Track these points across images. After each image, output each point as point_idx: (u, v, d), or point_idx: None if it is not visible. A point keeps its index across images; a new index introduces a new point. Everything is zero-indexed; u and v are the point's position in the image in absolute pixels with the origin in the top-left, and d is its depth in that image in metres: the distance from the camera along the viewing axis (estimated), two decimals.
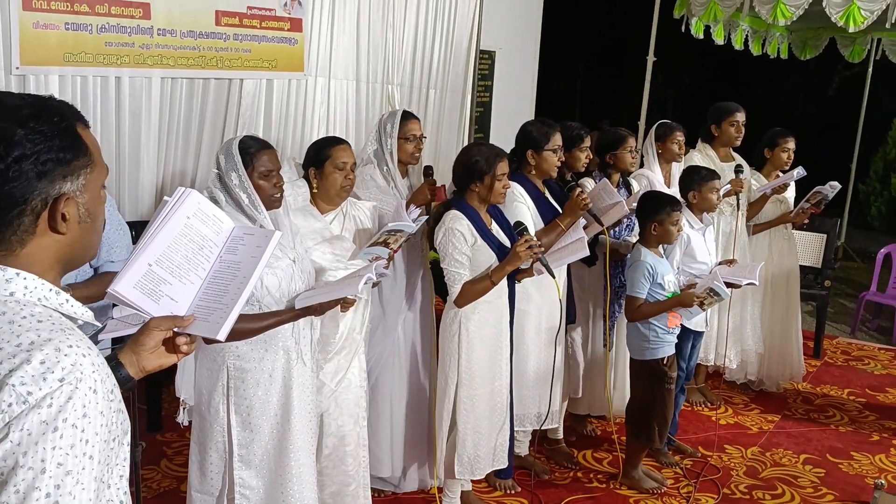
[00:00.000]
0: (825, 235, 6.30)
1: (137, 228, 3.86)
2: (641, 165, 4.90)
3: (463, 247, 3.24)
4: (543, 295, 3.73)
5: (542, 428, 3.90)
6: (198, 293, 1.77)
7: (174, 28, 4.01)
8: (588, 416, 4.57)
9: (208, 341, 2.37)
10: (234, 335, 2.47)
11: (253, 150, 2.61)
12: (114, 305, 2.27)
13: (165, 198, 1.83)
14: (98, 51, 3.73)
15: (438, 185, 3.69)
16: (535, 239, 3.26)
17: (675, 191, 4.31)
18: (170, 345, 1.64)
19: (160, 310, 1.70)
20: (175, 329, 1.65)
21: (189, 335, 1.67)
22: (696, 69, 14.13)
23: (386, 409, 3.69)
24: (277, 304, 2.61)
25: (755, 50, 8.72)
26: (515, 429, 3.74)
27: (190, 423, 2.86)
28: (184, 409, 2.78)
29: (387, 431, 3.70)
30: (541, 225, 3.70)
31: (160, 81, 4.05)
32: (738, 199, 4.72)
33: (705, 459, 4.37)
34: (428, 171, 3.76)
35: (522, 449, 4.04)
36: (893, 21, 6.12)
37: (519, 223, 3.32)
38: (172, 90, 4.13)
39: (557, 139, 3.72)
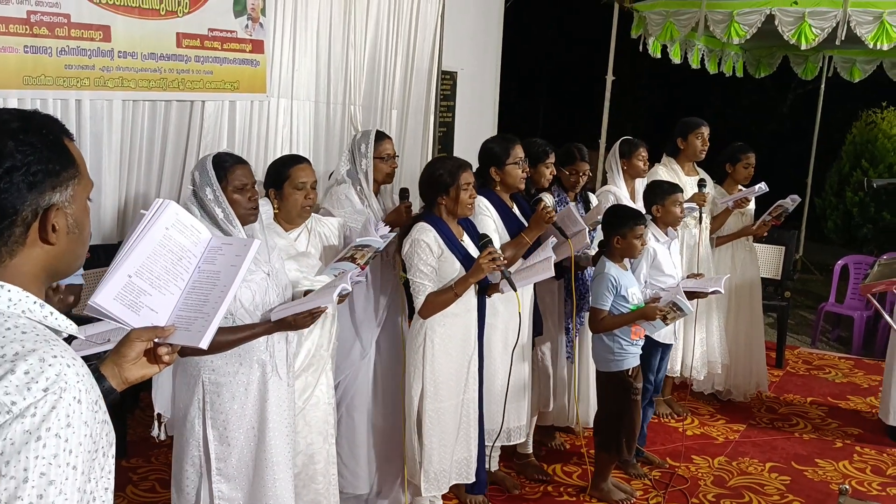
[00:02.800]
0: (784, 248, 6.43)
1: (99, 252, 3.82)
2: (605, 182, 4.97)
3: (428, 258, 3.26)
4: (510, 309, 3.75)
5: (511, 443, 3.91)
6: (177, 303, 1.78)
7: (135, 50, 3.99)
8: (552, 426, 4.58)
9: (185, 352, 2.38)
10: (209, 347, 2.49)
11: (227, 165, 2.64)
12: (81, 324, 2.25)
13: (142, 211, 1.84)
14: (58, 73, 3.70)
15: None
16: (498, 252, 3.29)
17: (640, 206, 4.38)
18: (151, 355, 1.66)
19: (140, 321, 1.71)
20: (156, 339, 1.66)
21: (171, 345, 1.68)
22: (655, 88, 14.36)
23: (363, 426, 3.68)
24: (251, 317, 2.62)
25: (711, 68, 8.90)
26: (485, 444, 3.74)
27: (161, 441, 2.85)
28: (159, 423, 2.77)
29: (363, 449, 3.69)
30: (506, 238, 3.73)
31: (121, 104, 4.03)
32: (700, 213, 4.81)
33: (673, 470, 4.41)
34: (404, 193, 3.78)
35: (492, 464, 4.04)
36: (843, 38, 6.29)
37: (484, 236, 3.36)
38: (134, 113, 4.11)
39: (518, 152, 3.76)
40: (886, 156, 9.73)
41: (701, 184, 4.88)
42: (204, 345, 1.71)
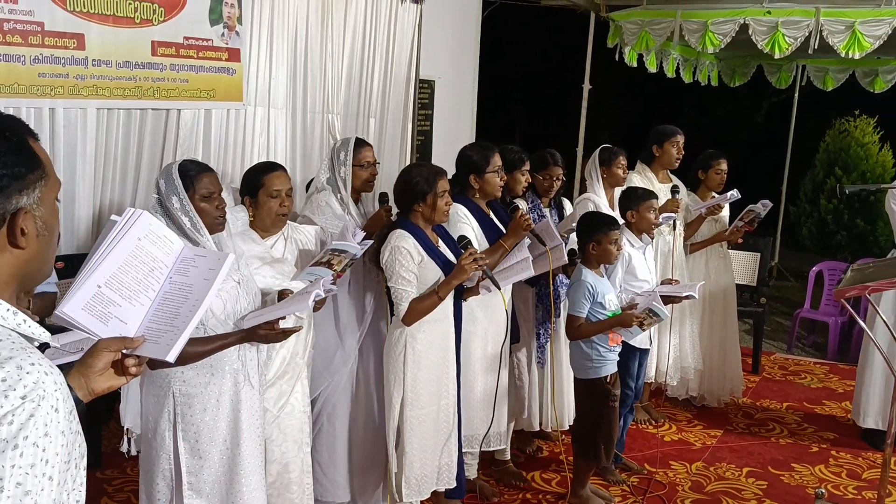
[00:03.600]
0: (759, 254, 6.49)
1: (73, 261, 3.78)
2: (583, 189, 5.00)
3: (409, 264, 3.25)
4: (489, 316, 3.76)
5: (490, 449, 3.91)
6: (147, 315, 1.75)
7: (109, 58, 3.96)
8: (522, 430, 4.57)
9: (154, 365, 2.34)
10: (180, 359, 2.45)
11: (193, 174, 2.61)
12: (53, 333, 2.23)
13: (114, 217, 1.81)
14: (31, 82, 3.67)
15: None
16: (479, 251, 3.30)
17: (618, 213, 4.41)
18: (118, 367, 1.62)
19: (109, 332, 1.68)
20: (124, 350, 1.63)
21: (138, 357, 1.65)
22: (631, 97, 14.46)
23: (343, 434, 3.66)
24: (223, 326, 2.59)
25: (686, 78, 9.00)
26: (463, 450, 3.73)
27: (133, 455, 2.80)
28: (128, 438, 2.72)
29: (343, 457, 3.67)
30: (485, 245, 3.73)
31: (96, 112, 3.99)
32: (674, 220, 4.85)
33: (651, 476, 4.42)
34: (383, 197, 3.78)
35: (471, 472, 4.03)
36: (816, 47, 6.39)
37: (463, 237, 3.37)
38: (108, 121, 4.07)
39: (497, 160, 3.78)
40: (859, 163, 9.86)
41: (674, 190, 4.93)
42: (171, 358, 1.69)
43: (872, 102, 9.74)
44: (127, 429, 2.73)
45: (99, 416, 4.12)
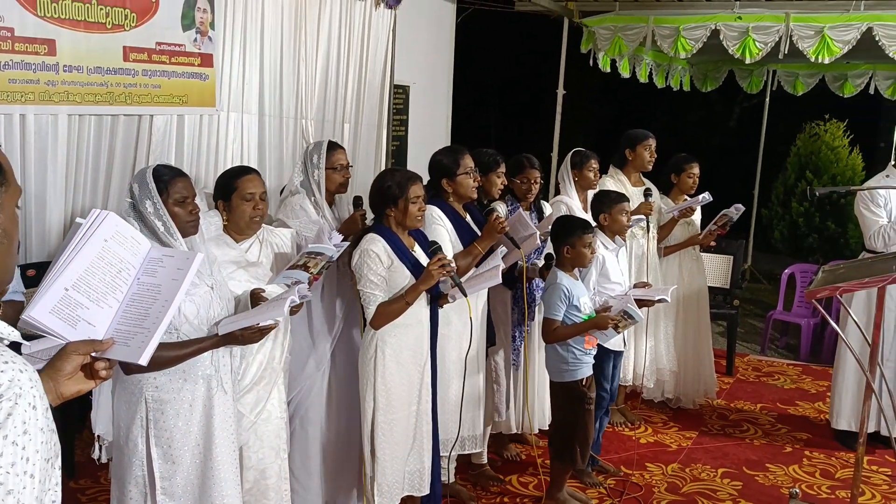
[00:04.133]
0: (732, 257, 6.55)
1: (45, 268, 3.72)
2: (558, 192, 5.03)
3: (378, 268, 3.25)
4: (463, 319, 3.75)
5: (466, 453, 3.90)
6: (115, 317, 1.73)
7: (81, 64, 3.93)
8: (500, 433, 4.58)
9: (129, 370, 2.31)
10: (154, 364, 2.42)
11: (167, 178, 2.61)
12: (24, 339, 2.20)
13: (78, 220, 1.79)
14: (2, 88, 3.63)
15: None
16: (447, 257, 3.30)
17: (590, 216, 4.44)
18: (88, 370, 1.60)
19: (77, 335, 1.66)
20: (93, 354, 1.61)
21: (108, 360, 1.63)
22: (605, 101, 14.55)
23: (316, 439, 3.64)
24: (196, 332, 2.58)
25: (659, 83, 9.08)
26: (440, 454, 3.73)
27: (104, 463, 2.78)
28: (100, 445, 2.69)
29: (316, 462, 3.65)
30: (460, 248, 3.74)
31: (67, 118, 3.95)
32: (647, 223, 4.90)
33: (627, 478, 4.45)
34: (358, 201, 3.78)
35: (449, 476, 4.02)
36: (786, 52, 6.47)
37: (433, 243, 3.36)
38: (80, 127, 4.03)
39: (468, 162, 3.79)
40: (830, 166, 9.99)
41: (647, 193, 4.97)
42: (144, 361, 1.67)
43: (842, 106, 9.88)
44: (98, 436, 2.70)
45: (72, 426, 4.07)
